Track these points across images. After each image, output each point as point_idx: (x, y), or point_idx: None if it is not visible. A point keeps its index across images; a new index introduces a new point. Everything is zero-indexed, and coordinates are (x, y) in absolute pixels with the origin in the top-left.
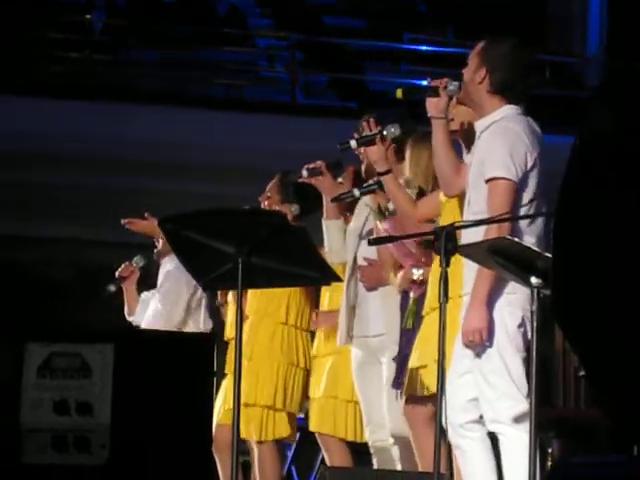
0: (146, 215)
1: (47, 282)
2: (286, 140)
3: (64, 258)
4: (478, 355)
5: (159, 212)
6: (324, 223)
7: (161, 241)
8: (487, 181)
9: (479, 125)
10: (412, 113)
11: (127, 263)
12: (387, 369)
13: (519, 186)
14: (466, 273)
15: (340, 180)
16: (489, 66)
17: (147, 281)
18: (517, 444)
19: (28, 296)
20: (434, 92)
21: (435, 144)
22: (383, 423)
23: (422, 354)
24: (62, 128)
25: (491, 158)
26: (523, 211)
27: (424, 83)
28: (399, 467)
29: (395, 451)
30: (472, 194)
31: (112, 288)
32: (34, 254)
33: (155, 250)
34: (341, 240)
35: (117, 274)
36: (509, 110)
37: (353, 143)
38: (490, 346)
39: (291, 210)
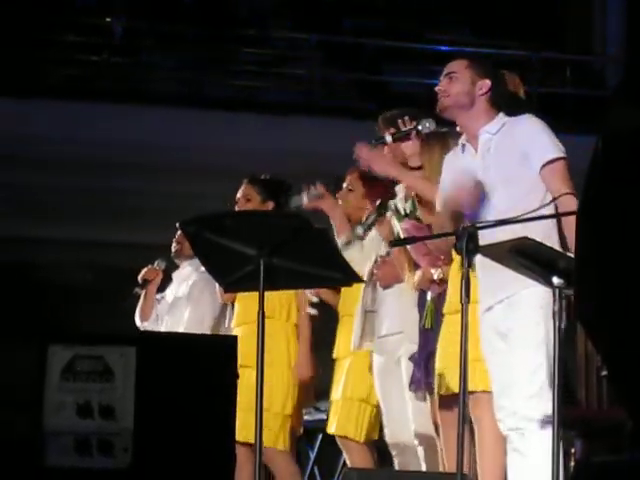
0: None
1: (66, 284)
2: (304, 141)
3: (83, 260)
4: (507, 353)
5: (177, 214)
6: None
7: (176, 244)
8: (546, 164)
9: (489, 130)
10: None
11: (150, 266)
12: (407, 369)
13: (540, 185)
14: (487, 283)
15: (349, 187)
16: (491, 79)
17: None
18: (540, 443)
19: (48, 298)
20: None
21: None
22: (406, 423)
23: (452, 354)
24: (79, 131)
25: (540, 142)
26: (547, 209)
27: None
28: (424, 467)
29: (420, 451)
30: (500, 194)
31: (140, 291)
32: (53, 256)
33: (173, 252)
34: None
35: (141, 278)
36: (506, 117)
37: (389, 138)
38: (521, 346)
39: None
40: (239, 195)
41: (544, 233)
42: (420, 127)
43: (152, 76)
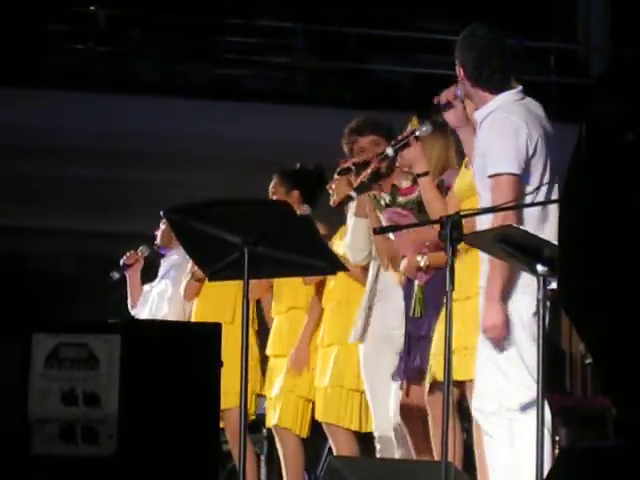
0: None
1: (52, 274)
2: (290, 130)
3: (69, 250)
4: (494, 345)
5: (163, 203)
6: (352, 218)
7: (161, 232)
8: (490, 177)
9: (477, 116)
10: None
11: (132, 251)
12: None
13: (523, 177)
14: (482, 267)
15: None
16: (460, 63)
17: (149, 272)
18: (531, 432)
19: (34, 288)
20: (449, 106)
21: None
22: (388, 415)
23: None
24: (65, 120)
25: (491, 153)
26: (529, 199)
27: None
28: (397, 455)
29: (394, 440)
30: (479, 186)
31: (116, 275)
32: (39, 246)
33: (155, 243)
34: (365, 240)
35: (122, 262)
36: (505, 97)
37: (390, 151)
38: (506, 336)
39: (297, 200)
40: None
41: (532, 225)
42: (418, 132)
43: (137, 65)
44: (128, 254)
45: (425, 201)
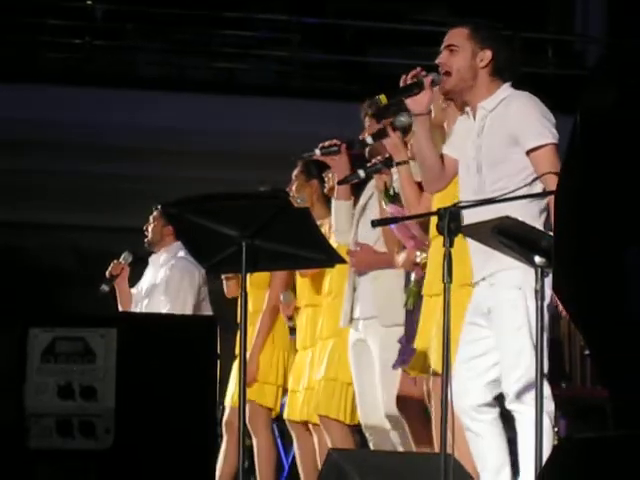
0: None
1: (48, 268)
2: (287, 123)
3: (65, 244)
4: (506, 333)
5: (160, 198)
6: (333, 203)
7: (152, 228)
8: (530, 152)
9: (485, 106)
10: None
11: (116, 261)
12: (379, 356)
13: (529, 167)
14: (480, 257)
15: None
16: (493, 47)
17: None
18: (532, 423)
19: (29, 282)
20: (419, 87)
21: (420, 141)
22: (377, 405)
23: (428, 335)
24: (62, 115)
25: (527, 128)
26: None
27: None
28: (400, 449)
29: (394, 435)
30: (488, 175)
31: (105, 288)
32: (35, 240)
33: (146, 240)
34: (349, 221)
35: (108, 274)
36: (510, 88)
37: (369, 139)
38: (520, 324)
39: (316, 190)
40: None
41: (531, 216)
42: (396, 123)
43: (134, 59)
44: (113, 264)
45: (401, 191)
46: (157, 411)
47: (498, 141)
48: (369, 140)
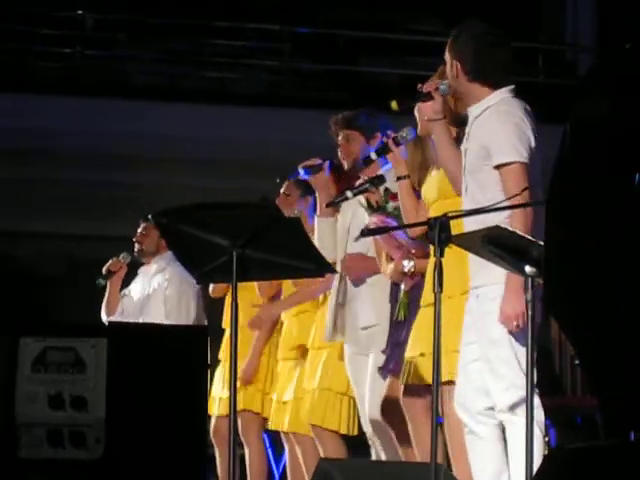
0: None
1: (40, 277)
2: (280, 132)
3: (59, 253)
4: (487, 344)
5: (154, 207)
6: (316, 219)
7: (147, 240)
8: (497, 167)
9: (472, 111)
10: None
11: (115, 259)
12: (374, 362)
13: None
14: (472, 268)
15: (286, 192)
16: (457, 57)
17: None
18: (523, 433)
19: (21, 291)
20: (428, 96)
21: (441, 146)
22: (364, 412)
23: (421, 344)
24: (55, 124)
25: (498, 143)
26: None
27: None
28: (383, 457)
29: (377, 443)
30: (470, 182)
31: (102, 282)
32: (26, 249)
33: (137, 249)
34: (332, 237)
35: (105, 269)
36: (504, 93)
37: (373, 156)
38: (500, 336)
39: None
40: (281, 190)
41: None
42: (399, 138)
43: (125, 69)
44: (112, 261)
45: (401, 204)
46: (147, 421)
47: (476, 150)
48: (373, 156)
